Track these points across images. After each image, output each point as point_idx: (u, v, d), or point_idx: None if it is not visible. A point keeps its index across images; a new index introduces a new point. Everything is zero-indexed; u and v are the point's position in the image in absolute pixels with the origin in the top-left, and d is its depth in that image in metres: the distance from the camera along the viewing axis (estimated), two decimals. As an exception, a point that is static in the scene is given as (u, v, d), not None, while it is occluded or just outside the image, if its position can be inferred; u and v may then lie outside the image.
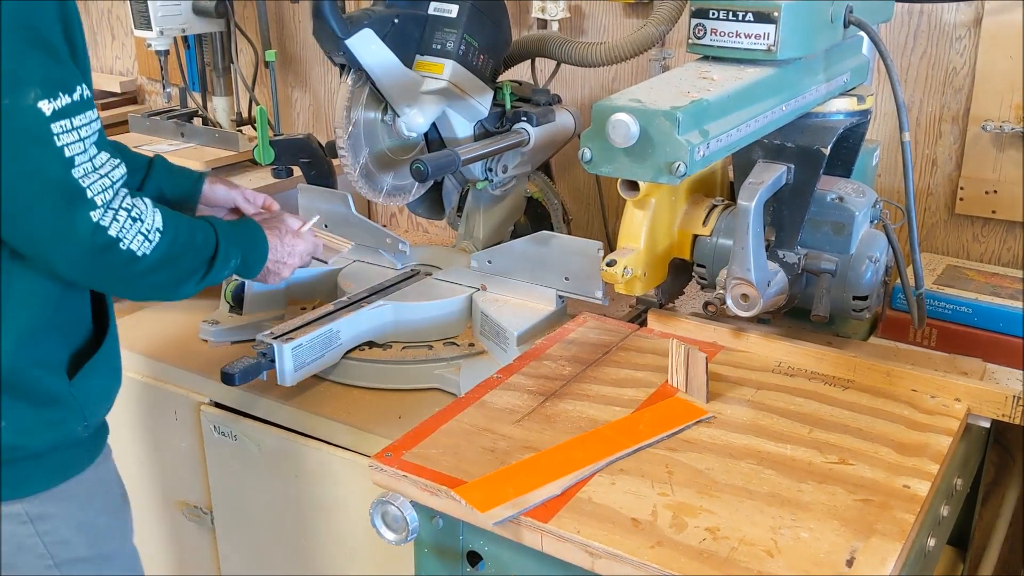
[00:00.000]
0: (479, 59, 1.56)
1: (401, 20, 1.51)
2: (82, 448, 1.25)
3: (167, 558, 1.79)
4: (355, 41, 1.46)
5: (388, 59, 1.50)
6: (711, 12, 1.13)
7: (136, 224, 1.09)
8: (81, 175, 1.04)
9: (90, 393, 1.22)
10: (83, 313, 1.23)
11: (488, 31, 1.57)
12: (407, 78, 1.54)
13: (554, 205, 1.86)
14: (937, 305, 1.46)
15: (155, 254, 1.12)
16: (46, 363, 1.17)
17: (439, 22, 1.54)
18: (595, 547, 0.98)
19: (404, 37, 1.53)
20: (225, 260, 1.23)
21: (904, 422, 1.21)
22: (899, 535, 1.00)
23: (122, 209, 1.08)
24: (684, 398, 1.26)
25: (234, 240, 1.25)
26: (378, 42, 1.48)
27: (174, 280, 1.18)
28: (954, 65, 1.67)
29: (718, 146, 1.03)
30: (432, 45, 1.54)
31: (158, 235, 1.12)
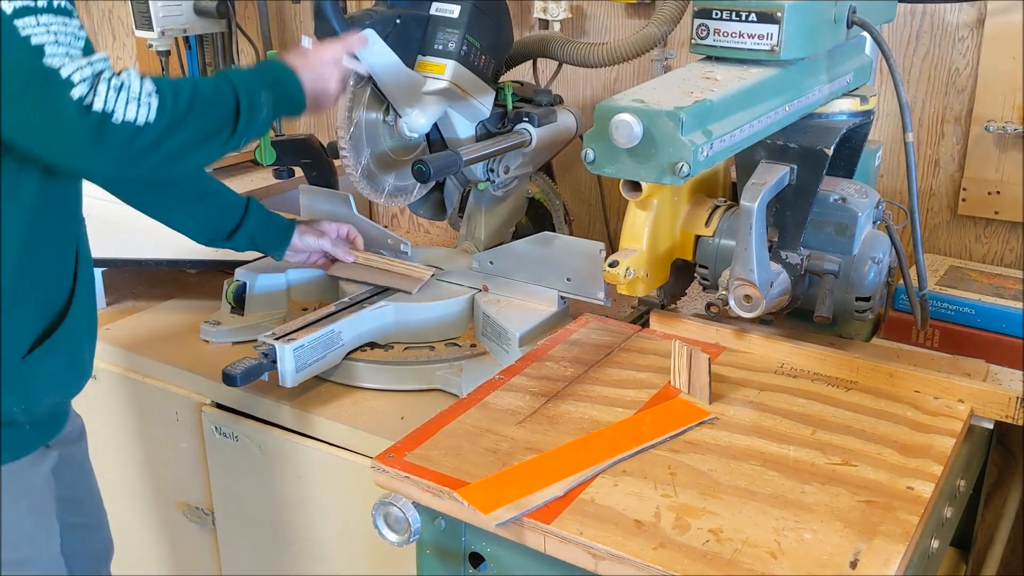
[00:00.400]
0: (481, 59, 1.55)
1: (403, 20, 1.51)
2: (16, 433, 1.18)
3: (168, 559, 1.79)
4: (360, 41, 1.45)
5: (390, 59, 1.50)
6: (714, 12, 1.12)
7: (122, 93, 1.04)
8: (53, 62, 1.00)
9: (39, 377, 1.17)
10: (62, 289, 1.19)
11: (490, 31, 1.57)
12: (409, 79, 1.54)
13: (556, 206, 1.86)
14: (940, 306, 1.46)
15: (159, 119, 1.06)
16: (10, 327, 1.12)
17: (441, 22, 1.54)
18: (598, 549, 0.98)
19: (406, 37, 1.53)
20: (253, 107, 1.17)
21: (907, 423, 1.20)
22: (903, 537, 1.00)
23: (102, 82, 1.03)
24: (687, 399, 1.26)
25: (255, 84, 1.19)
26: (380, 42, 1.48)
27: (196, 142, 1.12)
28: (957, 66, 1.66)
29: (722, 147, 1.02)
30: (434, 45, 1.54)
31: (153, 98, 1.06)
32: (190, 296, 1.86)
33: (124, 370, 1.68)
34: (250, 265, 1.68)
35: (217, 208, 1.52)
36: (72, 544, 1.35)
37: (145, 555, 1.82)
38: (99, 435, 1.73)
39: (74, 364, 1.24)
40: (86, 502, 1.44)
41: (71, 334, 1.21)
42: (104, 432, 1.73)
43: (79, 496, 1.40)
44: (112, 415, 1.72)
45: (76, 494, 1.39)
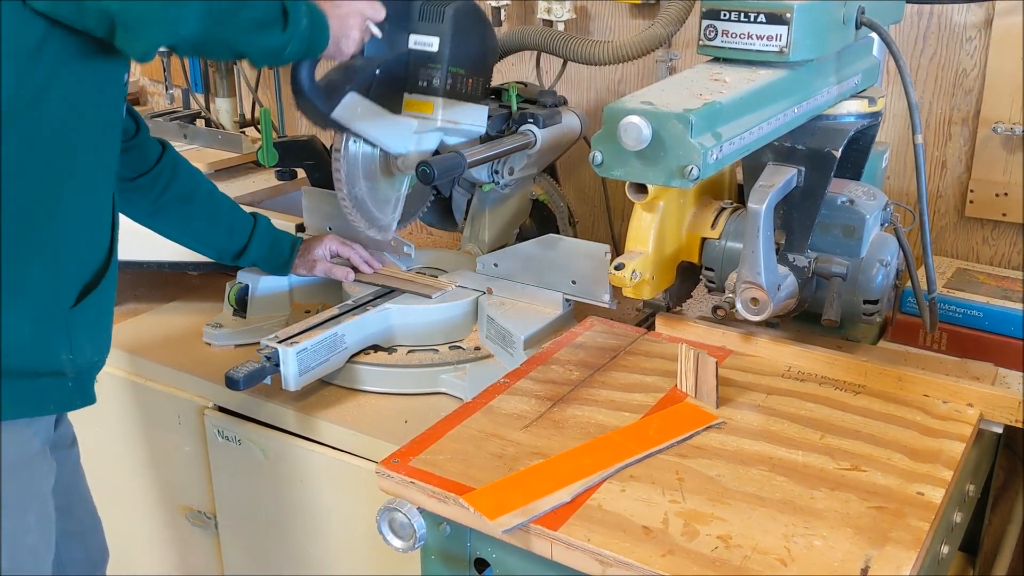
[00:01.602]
0: (468, 84, 1.51)
1: (383, 69, 1.46)
2: (58, 386, 1.22)
3: (170, 563, 1.78)
4: (341, 111, 1.43)
5: (377, 114, 1.47)
6: (722, 13, 1.11)
7: None
8: None
9: (84, 327, 1.23)
10: (103, 240, 1.25)
11: (472, 53, 1.52)
12: (398, 125, 1.50)
13: (560, 208, 1.85)
14: (947, 309, 1.45)
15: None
16: (63, 276, 1.19)
17: (421, 57, 1.48)
18: (606, 555, 0.97)
19: (389, 84, 1.49)
20: (296, 14, 1.21)
21: (917, 428, 1.19)
22: (914, 543, 0.99)
23: None
24: (694, 403, 1.25)
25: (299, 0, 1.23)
26: (364, 102, 1.45)
27: (262, 21, 1.17)
28: (964, 67, 1.65)
29: (731, 149, 1.02)
30: (418, 81, 1.49)
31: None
32: (192, 298, 1.85)
33: (127, 373, 1.67)
34: (252, 267, 1.67)
35: (225, 230, 1.58)
36: (67, 551, 1.34)
37: (147, 559, 1.81)
38: (102, 439, 1.73)
39: (107, 322, 1.29)
40: (78, 508, 1.43)
41: (109, 289, 1.27)
42: (107, 436, 1.73)
43: (71, 503, 1.40)
44: (114, 418, 1.71)
45: (69, 500, 1.38)
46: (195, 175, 1.56)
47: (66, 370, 1.22)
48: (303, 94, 1.40)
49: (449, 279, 1.66)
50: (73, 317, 1.21)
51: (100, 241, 1.27)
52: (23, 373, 1.17)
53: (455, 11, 1.45)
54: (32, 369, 1.18)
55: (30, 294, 1.17)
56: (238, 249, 1.59)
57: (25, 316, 1.16)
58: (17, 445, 1.19)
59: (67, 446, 1.37)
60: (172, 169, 1.51)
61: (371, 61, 1.44)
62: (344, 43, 1.34)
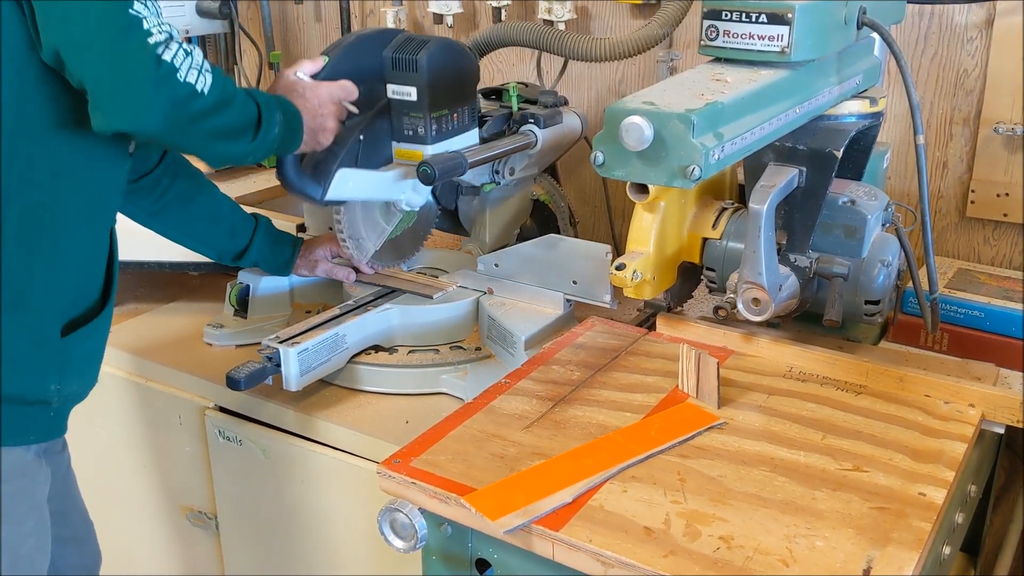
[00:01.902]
0: (454, 119, 1.49)
1: (366, 132, 1.44)
2: (44, 414, 1.23)
3: (171, 564, 1.78)
4: (333, 192, 1.41)
5: (369, 179, 1.46)
6: (724, 13, 1.11)
7: (189, 59, 1.11)
8: (139, 12, 1.08)
9: (74, 358, 1.23)
10: (95, 283, 1.26)
11: (452, 90, 1.47)
12: (392, 178, 1.49)
13: (560, 208, 1.85)
14: (949, 309, 1.45)
15: (212, 93, 1.13)
16: (48, 303, 1.19)
17: (402, 106, 1.46)
18: (607, 556, 0.97)
19: (375, 143, 1.47)
20: (270, 122, 1.22)
21: (918, 428, 1.19)
22: (916, 544, 0.99)
23: (174, 42, 1.10)
24: (695, 404, 1.24)
25: (272, 104, 1.24)
26: (354, 174, 1.43)
27: (229, 131, 1.18)
28: (965, 67, 1.65)
29: (733, 149, 1.01)
30: (403, 131, 1.47)
31: (208, 74, 1.13)
32: (193, 298, 1.85)
33: (127, 373, 1.67)
34: (253, 268, 1.67)
35: (226, 231, 1.58)
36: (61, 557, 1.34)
37: (148, 559, 1.81)
38: (102, 439, 1.73)
39: (99, 357, 1.30)
40: (72, 514, 1.43)
41: (104, 324, 1.28)
42: (107, 436, 1.72)
43: (66, 509, 1.40)
44: (115, 419, 1.71)
45: (63, 507, 1.38)
46: (196, 176, 1.56)
47: (52, 400, 1.22)
48: (291, 187, 1.40)
49: (450, 279, 1.66)
50: (66, 348, 1.21)
51: (96, 271, 1.27)
52: (11, 399, 1.17)
53: (428, 59, 1.41)
54: (20, 396, 1.18)
55: (26, 321, 1.17)
56: (240, 250, 1.59)
57: (20, 342, 1.17)
58: (14, 453, 1.19)
59: (58, 451, 1.37)
60: (173, 170, 1.51)
61: (352, 127, 1.42)
62: (322, 136, 1.35)
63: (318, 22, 2.37)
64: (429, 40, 1.44)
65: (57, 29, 1.08)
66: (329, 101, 1.34)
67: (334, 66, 1.40)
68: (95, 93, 1.09)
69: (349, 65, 1.41)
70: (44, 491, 1.26)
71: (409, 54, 1.42)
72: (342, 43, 1.44)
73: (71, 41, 1.08)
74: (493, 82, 2.06)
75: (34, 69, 1.12)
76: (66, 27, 1.08)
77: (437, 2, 2.03)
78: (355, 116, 1.42)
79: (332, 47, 1.44)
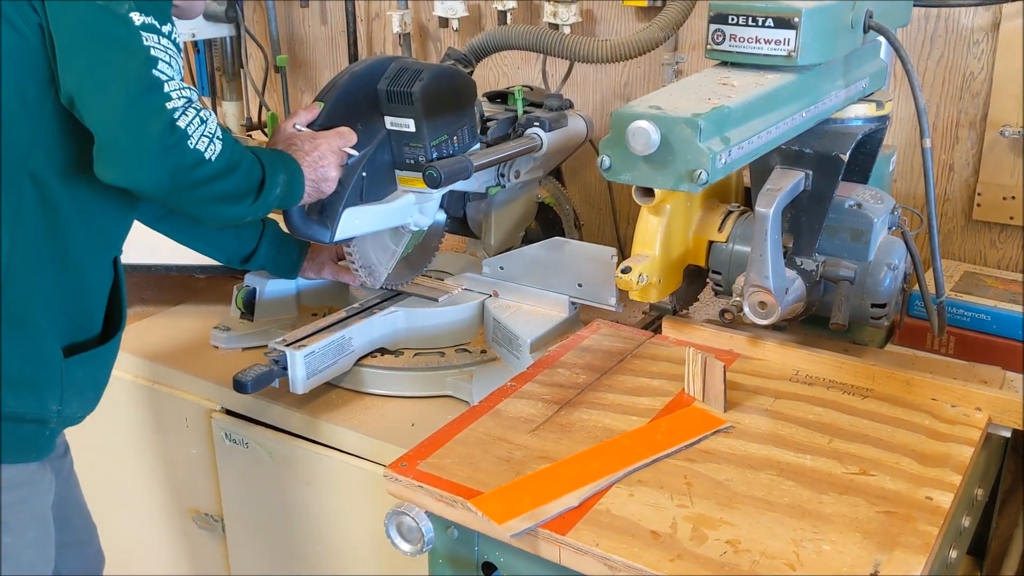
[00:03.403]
0: (455, 141, 1.48)
1: (367, 167, 1.43)
2: (40, 433, 1.22)
3: (178, 566, 1.78)
4: (342, 232, 1.41)
5: (375, 212, 1.46)
6: (730, 17, 1.11)
7: (203, 126, 1.11)
8: (161, 76, 1.08)
9: (76, 380, 1.23)
10: (98, 308, 1.26)
11: (449, 115, 1.46)
12: (398, 206, 1.48)
13: (565, 211, 1.85)
14: (955, 312, 1.45)
15: (218, 160, 1.13)
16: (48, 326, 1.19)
17: (402, 137, 1.45)
18: (614, 560, 0.97)
19: (378, 175, 1.46)
20: (272, 183, 1.23)
21: (925, 432, 1.19)
22: (923, 548, 0.99)
23: (192, 108, 1.11)
24: (701, 407, 1.24)
25: (276, 165, 1.25)
26: (360, 211, 1.43)
27: (230, 196, 1.18)
28: (971, 70, 1.65)
29: (740, 153, 1.01)
30: (405, 159, 1.46)
31: (218, 142, 1.13)
32: (199, 301, 1.85)
33: (134, 376, 1.67)
34: (259, 271, 1.68)
35: (233, 235, 1.59)
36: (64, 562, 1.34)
37: (154, 562, 1.81)
38: (108, 441, 1.73)
39: (103, 383, 1.30)
40: (75, 518, 1.43)
41: (111, 352, 1.29)
42: (114, 439, 1.73)
43: (68, 513, 1.40)
44: (121, 421, 1.71)
45: (66, 511, 1.38)
46: None
47: (51, 420, 1.22)
48: (299, 233, 1.40)
49: (455, 282, 1.67)
50: (68, 370, 1.21)
51: (99, 296, 1.27)
52: (11, 418, 1.17)
53: (423, 92, 1.39)
54: (21, 415, 1.18)
55: (29, 342, 1.17)
56: (247, 253, 1.59)
57: (24, 362, 1.17)
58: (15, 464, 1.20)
59: (60, 456, 1.37)
60: None
61: (354, 166, 1.41)
62: (324, 186, 1.34)
63: (323, 25, 2.38)
64: (423, 69, 1.42)
65: (76, 77, 1.08)
66: (328, 151, 1.34)
67: (330, 111, 1.39)
68: (101, 144, 1.09)
69: (345, 106, 1.40)
70: (48, 499, 1.26)
71: (403, 86, 1.40)
72: (336, 84, 1.42)
73: (88, 89, 1.08)
74: (498, 85, 2.06)
75: (49, 106, 1.12)
76: (86, 76, 1.08)
77: (443, 5, 2.03)
78: (356, 156, 1.41)
79: (326, 90, 1.42)
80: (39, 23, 1.09)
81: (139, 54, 1.07)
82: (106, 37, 1.07)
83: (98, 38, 1.07)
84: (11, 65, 1.10)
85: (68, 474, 1.41)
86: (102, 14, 1.06)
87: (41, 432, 1.22)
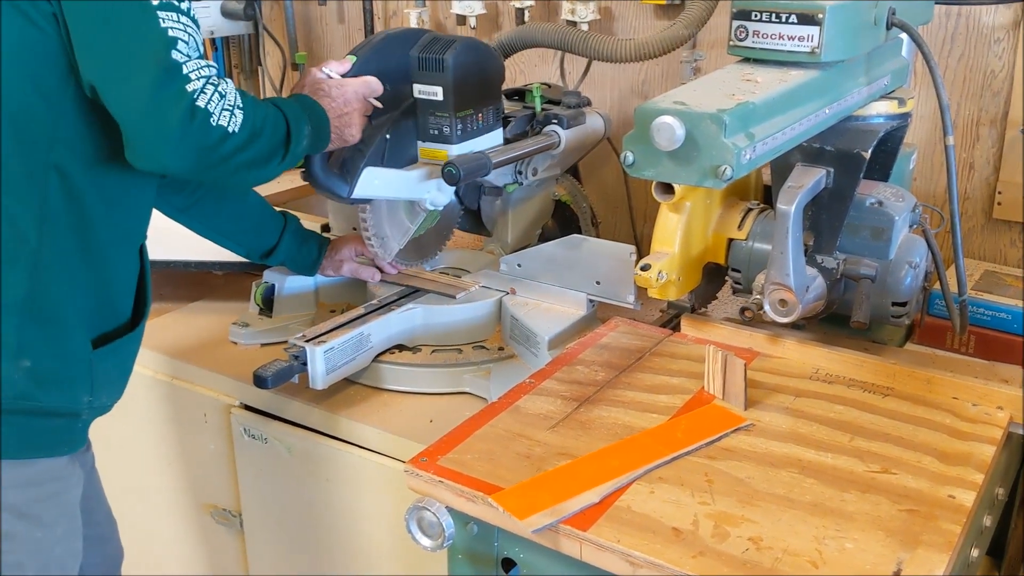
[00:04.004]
0: (479, 119, 1.49)
1: (392, 131, 1.45)
2: (72, 426, 1.23)
3: (195, 561, 1.79)
4: (360, 190, 1.42)
5: (395, 178, 1.47)
6: (754, 14, 1.11)
7: (222, 100, 1.11)
8: (179, 56, 1.08)
9: (105, 371, 1.24)
10: (127, 299, 1.27)
11: (477, 90, 1.47)
12: (417, 178, 1.49)
13: (582, 208, 1.85)
14: (975, 311, 1.44)
15: (242, 131, 1.13)
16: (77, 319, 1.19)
17: (428, 106, 1.44)
18: (636, 557, 0.97)
19: (401, 143, 1.47)
20: (299, 136, 1.23)
21: (946, 431, 1.19)
22: (946, 546, 0.98)
23: (210, 85, 1.10)
24: (721, 405, 1.24)
25: (300, 115, 1.25)
26: (380, 173, 1.44)
27: (258, 160, 1.18)
28: (992, 68, 1.64)
29: (764, 149, 1.01)
30: (429, 130, 1.47)
31: (238, 111, 1.13)
32: (217, 297, 1.86)
33: (153, 372, 1.68)
34: (278, 267, 1.68)
35: (255, 229, 1.60)
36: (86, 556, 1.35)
37: (173, 557, 1.82)
38: (127, 437, 1.74)
39: (128, 371, 1.31)
40: (97, 512, 1.44)
41: (135, 340, 1.30)
42: (133, 434, 1.74)
43: (91, 507, 1.40)
44: (141, 417, 1.72)
45: (89, 505, 1.39)
46: None
47: (83, 412, 1.23)
48: (319, 185, 1.41)
49: (472, 279, 1.67)
50: (98, 361, 1.22)
51: (127, 287, 1.28)
52: (46, 413, 1.18)
53: (455, 59, 1.41)
54: (55, 409, 1.19)
55: (59, 336, 1.18)
56: (268, 248, 1.60)
57: (55, 357, 1.18)
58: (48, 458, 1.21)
59: (83, 451, 1.38)
60: None
61: (379, 126, 1.42)
62: (348, 133, 1.35)
63: (341, 23, 2.38)
64: (456, 40, 1.44)
65: (96, 65, 1.08)
66: (354, 98, 1.35)
67: (362, 66, 1.41)
68: (128, 132, 1.10)
69: (377, 64, 1.42)
70: (77, 494, 1.27)
71: (435, 54, 1.42)
72: (371, 42, 1.45)
73: (109, 78, 1.08)
74: (516, 83, 2.06)
75: (70, 97, 1.12)
76: (105, 64, 1.08)
77: (460, 3, 2.03)
78: (381, 115, 1.42)
79: (360, 46, 1.44)
80: (53, 13, 1.08)
81: (157, 37, 1.06)
82: (123, 22, 1.06)
83: (115, 23, 1.06)
84: (29, 59, 1.10)
85: (91, 469, 1.42)
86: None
87: (74, 424, 1.23)
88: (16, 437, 1.16)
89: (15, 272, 1.13)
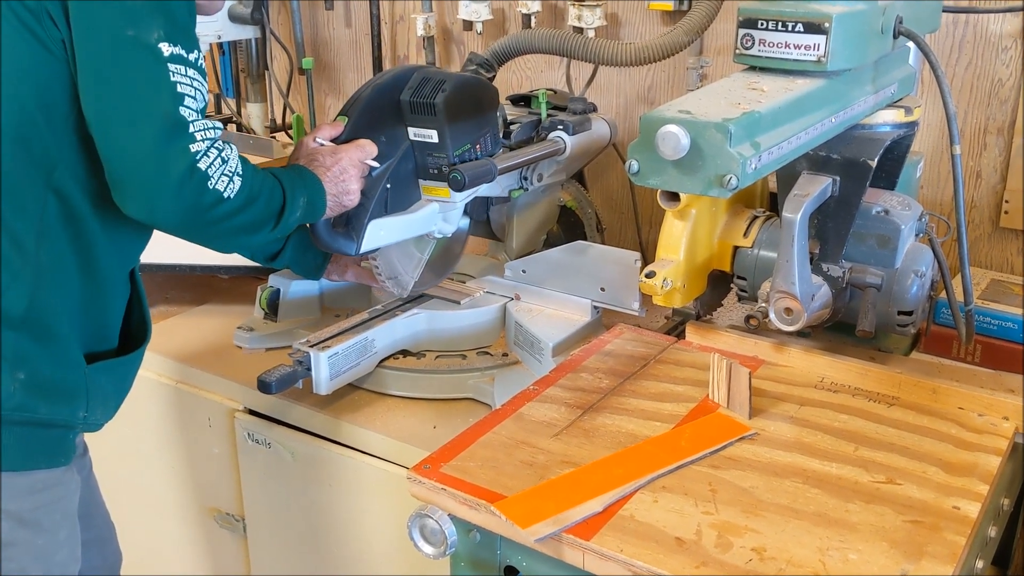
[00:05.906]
0: (477, 149, 1.48)
1: (391, 178, 1.43)
2: (65, 438, 1.23)
3: (199, 565, 1.79)
4: (368, 244, 1.42)
5: (400, 222, 1.46)
6: (760, 22, 1.11)
7: (223, 165, 1.11)
8: (186, 114, 1.08)
9: (101, 386, 1.24)
10: (113, 326, 1.27)
11: (472, 125, 1.46)
12: (422, 216, 1.48)
13: (588, 214, 1.84)
14: (982, 320, 1.43)
15: (237, 197, 1.13)
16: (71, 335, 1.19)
17: (425, 147, 1.44)
18: (639, 566, 0.97)
19: (402, 186, 1.46)
20: (293, 206, 1.23)
21: (952, 441, 1.18)
22: (950, 558, 0.98)
23: (214, 148, 1.10)
24: (726, 414, 1.24)
25: (297, 187, 1.25)
26: (385, 223, 1.43)
27: (250, 226, 1.18)
28: (1000, 76, 1.64)
29: (769, 159, 1.01)
30: (429, 169, 1.46)
31: (238, 179, 1.13)
32: (222, 301, 1.86)
33: (157, 375, 1.68)
34: (284, 271, 1.68)
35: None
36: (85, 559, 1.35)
37: (176, 561, 1.82)
38: (131, 440, 1.74)
39: (125, 391, 1.31)
40: (96, 516, 1.44)
41: (135, 362, 1.31)
42: (136, 437, 1.74)
43: (89, 511, 1.41)
44: (144, 420, 1.72)
45: (87, 509, 1.39)
46: None
47: (77, 426, 1.23)
48: (325, 247, 1.41)
49: (477, 285, 1.67)
50: (93, 376, 1.22)
51: (116, 308, 1.28)
52: (43, 424, 1.18)
53: (445, 103, 1.39)
54: (51, 422, 1.19)
55: (55, 352, 1.17)
56: (275, 251, 1.58)
57: (53, 371, 1.17)
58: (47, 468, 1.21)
59: (80, 455, 1.38)
60: None
61: (378, 178, 1.41)
62: (346, 200, 1.35)
63: (348, 27, 2.39)
64: (445, 80, 1.42)
65: (101, 106, 1.07)
66: (350, 165, 1.34)
67: (354, 125, 1.40)
68: (120, 177, 1.09)
69: (368, 120, 1.41)
70: (76, 499, 1.27)
71: (425, 98, 1.40)
72: (359, 98, 1.42)
73: (113, 121, 1.07)
74: (522, 88, 2.06)
75: (73, 123, 1.11)
76: (111, 107, 1.06)
77: (467, 8, 2.03)
78: (379, 168, 1.41)
79: (350, 104, 1.42)
80: (63, 39, 1.08)
81: (167, 91, 1.06)
82: (135, 71, 1.05)
83: (124, 67, 1.05)
84: (39, 80, 1.09)
85: (88, 473, 1.43)
86: (132, 47, 1.05)
87: (67, 437, 1.23)
88: (16, 448, 1.16)
89: (17, 286, 1.13)
